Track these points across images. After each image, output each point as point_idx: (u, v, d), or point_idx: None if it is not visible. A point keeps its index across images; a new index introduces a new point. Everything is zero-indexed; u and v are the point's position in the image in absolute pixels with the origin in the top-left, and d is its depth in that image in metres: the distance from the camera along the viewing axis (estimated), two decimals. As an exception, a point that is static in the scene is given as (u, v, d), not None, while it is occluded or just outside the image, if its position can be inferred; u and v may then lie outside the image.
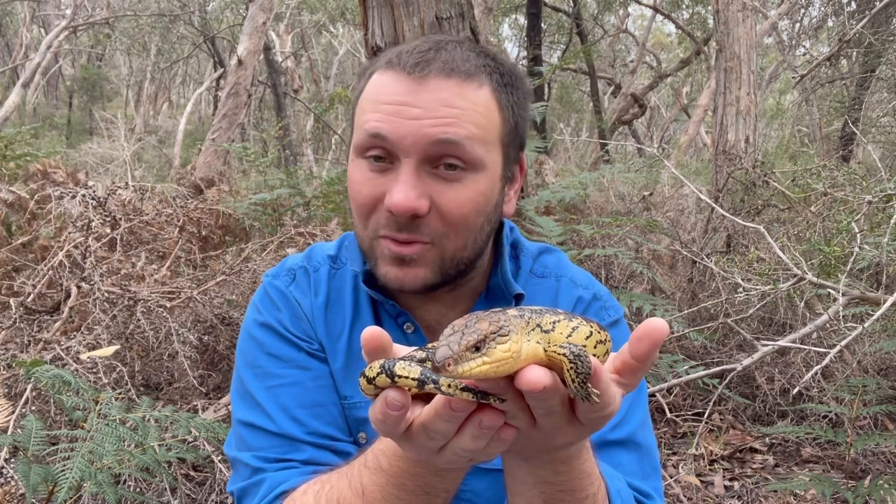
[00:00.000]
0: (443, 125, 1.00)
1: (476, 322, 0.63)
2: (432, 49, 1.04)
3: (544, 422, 0.70)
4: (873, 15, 6.84)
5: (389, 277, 1.07)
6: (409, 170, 1.01)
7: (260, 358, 1.14)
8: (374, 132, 1.02)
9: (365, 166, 1.06)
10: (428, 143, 1.00)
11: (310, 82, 22.87)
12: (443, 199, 1.03)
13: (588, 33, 17.07)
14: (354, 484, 0.90)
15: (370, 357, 0.72)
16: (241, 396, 1.14)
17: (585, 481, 0.86)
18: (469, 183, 1.04)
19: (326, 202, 5.21)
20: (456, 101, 1.01)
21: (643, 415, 1.15)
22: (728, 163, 5.57)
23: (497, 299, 1.17)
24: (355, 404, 1.14)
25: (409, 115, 1.00)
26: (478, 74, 1.04)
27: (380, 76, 1.06)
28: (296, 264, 1.23)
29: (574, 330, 0.68)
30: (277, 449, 1.08)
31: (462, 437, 0.70)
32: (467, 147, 1.01)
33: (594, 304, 1.22)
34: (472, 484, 1.12)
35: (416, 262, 1.06)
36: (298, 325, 1.16)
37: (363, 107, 1.06)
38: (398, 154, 1.02)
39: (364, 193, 1.06)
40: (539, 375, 0.62)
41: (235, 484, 1.10)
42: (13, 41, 23.42)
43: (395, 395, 0.69)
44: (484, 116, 1.03)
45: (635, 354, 0.68)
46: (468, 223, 1.06)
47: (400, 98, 1.01)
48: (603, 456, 1.06)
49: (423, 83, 1.01)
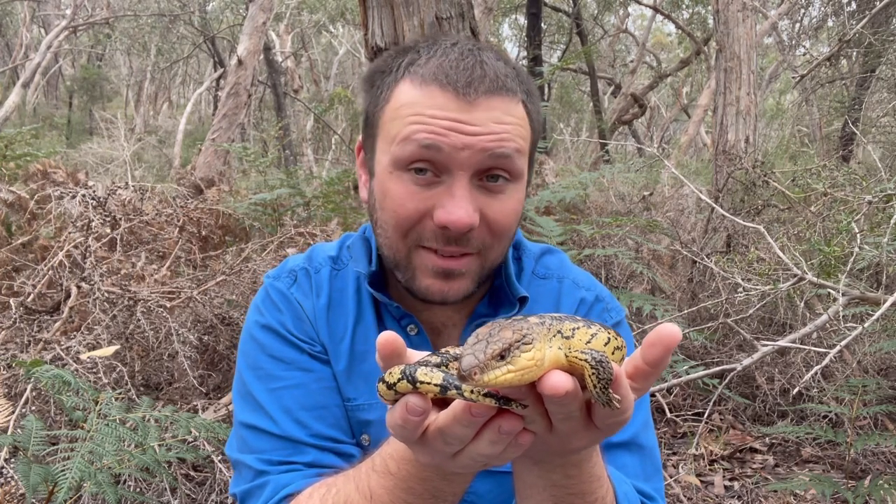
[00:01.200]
0: (498, 140, 1.00)
1: (500, 330, 0.64)
2: (476, 65, 1.02)
3: (562, 426, 0.70)
4: (873, 15, 6.83)
5: (433, 290, 1.06)
6: (463, 183, 1.00)
7: (262, 360, 1.14)
8: (428, 143, 0.99)
9: (408, 179, 1.02)
10: (485, 157, 1.00)
11: (310, 82, 22.87)
12: (490, 212, 1.03)
13: (588, 33, 17.07)
14: (362, 487, 0.90)
15: (385, 362, 0.72)
16: (244, 398, 1.14)
17: (595, 484, 0.86)
18: (512, 194, 1.05)
19: (326, 202, 5.21)
20: (505, 118, 1.02)
21: (645, 416, 1.15)
22: (728, 163, 5.57)
23: (501, 302, 1.17)
24: (358, 406, 1.14)
25: (467, 131, 0.99)
26: (516, 89, 1.05)
27: (419, 89, 1.02)
28: (297, 265, 1.22)
29: (593, 336, 0.69)
30: (280, 451, 1.07)
31: (479, 442, 0.70)
32: (515, 160, 1.03)
33: (597, 306, 1.22)
34: (476, 486, 1.12)
35: (463, 275, 1.06)
36: (300, 326, 1.16)
37: (401, 117, 1.02)
38: (451, 167, 1.00)
39: (409, 207, 1.03)
40: (561, 380, 0.63)
41: (238, 486, 1.10)
42: (13, 41, 23.42)
43: (417, 400, 0.69)
44: (524, 129, 1.05)
45: (648, 359, 0.68)
46: (510, 232, 1.08)
47: (453, 115, 0.99)
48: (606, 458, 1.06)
49: (475, 103, 1.00)
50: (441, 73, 1.01)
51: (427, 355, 0.76)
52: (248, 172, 10.29)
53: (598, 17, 19.27)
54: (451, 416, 0.69)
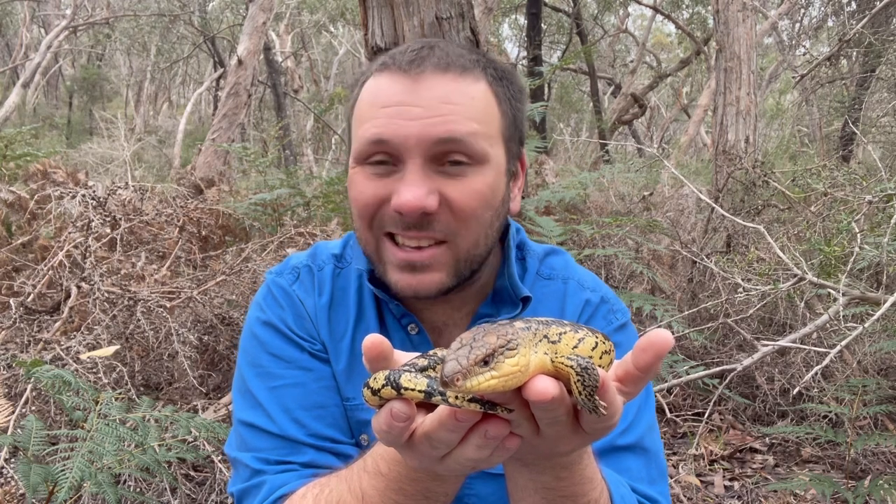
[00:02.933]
0: (444, 123, 0.99)
1: (484, 335, 0.63)
2: (425, 47, 1.04)
3: (549, 431, 0.70)
4: (873, 15, 6.83)
5: (401, 285, 1.06)
6: (414, 169, 1.00)
7: (262, 357, 1.13)
8: (374, 138, 1.00)
9: (369, 171, 1.04)
10: (431, 143, 0.99)
11: (310, 82, 22.87)
12: (451, 194, 1.02)
13: (588, 33, 17.07)
14: (354, 488, 0.90)
15: (371, 365, 0.72)
16: (243, 395, 1.14)
17: (587, 486, 0.86)
18: (475, 177, 1.03)
19: (326, 202, 5.21)
20: (454, 97, 1.00)
21: (650, 419, 1.14)
22: (728, 163, 5.57)
23: (504, 301, 1.16)
24: (357, 406, 1.14)
25: (410, 115, 0.99)
26: (473, 69, 1.04)
27: (374, 80, 1.05)
28: (300, 263, 1.22)
29: (580, 341, 0.68)
30: (278, 451, 1.07)
31: (466, 446, 0.70)
32: (470, 142, 1.01)
33: (602, 307, 1.20)
34: (477, 488, 1.12)
35: (429, 267, 1.04)
36: (301, 324, 1.15)
37: (360, 114, 1.05)
38: (402, 156, 1.01)
39: (367, 194, 1.04)
40: (547, 386, 0.62)
41: (235, 485, 1.10)
42: (13, 41, 23.41)
43: (401, 406, 0.68)
44: (483, 111, 1.03)
45: (638, 364, 0.68)
46: (478, 217, 1.04)
47: (398, 98, 1.00)
48: (610, 461, 1.06)
49: (419, 80, 1.00)
50: (391, 58, 1.04)
51: (414, 357, 0.75)
52: (248, 172, 10.28)
53: (598, 17, 19.27)
54: (436, 422, 0.69)
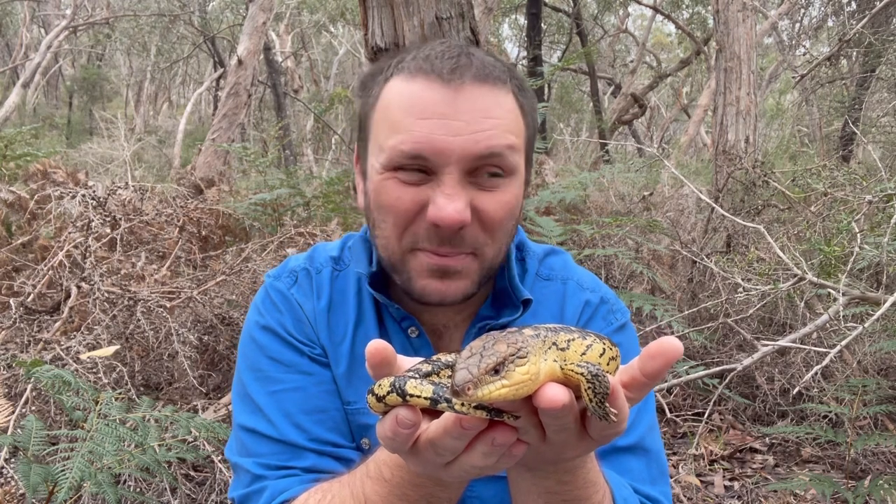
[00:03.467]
0: (486, 138, 0.97)
1: (494, 344, 0.63)
2: (463, 55, 1.01)
3: (556, 437, 0.70)
4: (873, 15, 6.83)
5: (429, 290, 1.04)
6: (452, 181, 0.98)
7: (261, 361, 1.12)
8: (413, 153, 0.97)
9: (401, 178, 1.01)
10: (472, 158, 0.98)
11: (310, 82, 22.87)
12: (482, 206, 1.00)
13: (588, 33, 17.07)
14: (356, 493, 0.90)
15: (374, 370, 0.72)
16: (243, 400, 1.13)
17: (590, 489, 0.86)
18: (506, 189, 1.02)
19: (326, 202, 5.21)
20: (494, 110, 0.99)
21: (651, 419, 1.14)
22: (728, 163, 5.57)
23: (504, 304, 1.15)
24: (358, 410, 1.13)
25: (451, 129, 0.96)
26: (505, 80, 1.02)
27: (406, 84, 1.00)
28: (298, 266, 1.20)
29: (588, 348, 0.68)
30: (279, 456, 1.07)
31: (472, 453, 0.69)
32: (507, 156, 1.00)
33: (602, 308, 1.20)
34: (479, 490, 1.11)
35: (459, 273, 1.03)
36: (300, 328, 1.14)
37: (391, 121, 1.00)
38: (439, 168, 0.98)
39: (406, 200, 1.00)
40: (558, 394, 0.62)
41: (236, 490, 1.09)
42: (13, 41, 23.41)
43: (407, 413, 0.68)
44: (515, 123, 1.02)
45: (645, 371, 0.67)
46: (505, 229, 1.05)
47: (438, 109, 0.97)
48: (612, 462, 1.06)
49: (460, 91, 0.97)
50: (427, 63, 1.00)
51: (418, 363, 0.75)
52: (248, 172, 10.28)
53: (598, 17, 19.27)
54: (441, 429, 0.68)
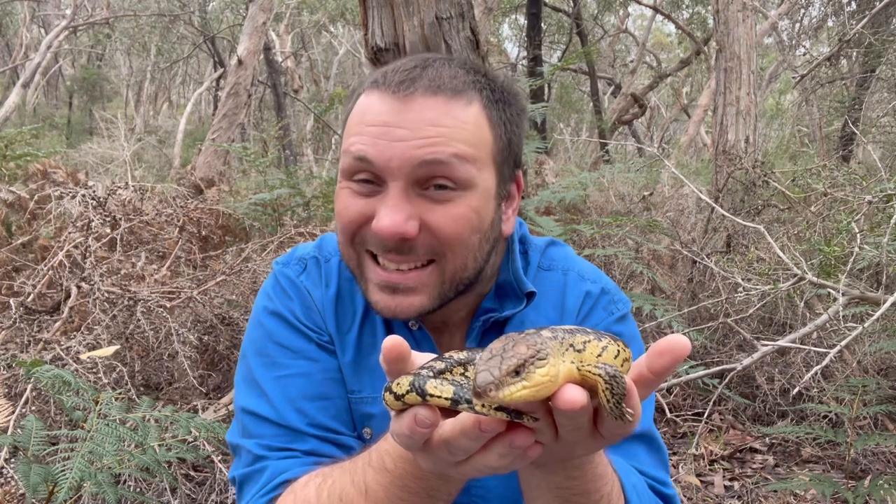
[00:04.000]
0: (428, 145, 0.97)
1: (514, 345, 0.64)
2: (418, 67, 1.02)
3: (569, 437, 0.70)
4: (873, 15, 6.83)
5: (380, 306, 1.05)
6: (396, 192, 0.99)
7: (269, 346, 1.14)
8: (359, 155, 1.00)
9: (353, 189, 1.04)
10: (415, 165, 0.98)
11: (310, 82, 22.86)
12: (433, 219, 1.00)
13: (588, 33, 17.07)
14: (357, 481, 0.90)
15: (389, 366, 0.72)
16: (248, 384, 1.14)
17: (599, 483, 0.87)
18: (460, 202, 1.01)
19: (326, 202, 5.21)
20: (442, 120, 0.98)
21: (652, 409, 1.18)
22: (728, 163, 5.57)
23: (507, 296, 1.16)
24: (362, 399, 1.14)
25: (395, 136, 0.98)
26: (466, 91, 1.01)
27: (366, 97, 1.04)
28: (307, 254, 1.22)
29: (604, 349, 0.69)
30: (280, 438, 1.08)
31: (488, 454, 0.70)
32: (456, 166, 0.99)
33: (603, 298, 1.20)
34: (485, 480, 1.12)
35: (412, 290, 1.03)
36: (309, 315, 1.16)
37: (349, 129, 1.05)
38: (385, 177, 1.00)
39: (352, 210, 1.03)
40: (576, 395, 0.63)
41: (237, 470, 1.10)
42: (13, 41, 23.41)
43: (427, 413, 0.68)
44: (473, 134, 1.01)
45: (653, 368, 0.68)
46: (464, 241, 1.03)
47: (384, 118, 0.99)
48: (621, 450, 1.07)
49: (408, 102, 0.99)
50: (382, 76, 1.03)
51: (431, 360, 0.75)
52: (248, 172, 10.28)
53: (598, 17, 19.26)
54: (458, 429, 0.69)
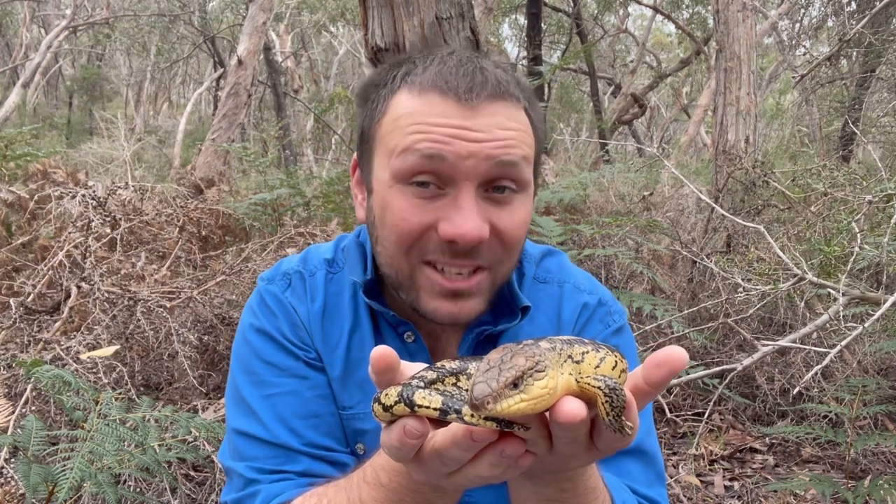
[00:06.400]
0: (504, 147, 0.97)
1: (512, 357, 0.63)
2: (476, 70, 0.99)
3: (564, 449, 0.70)
4: (873, 15, 6.82)
5: (441, 312, 1.02)
6: (470, 194, 0.96)
7: (256, 365, 1.11)
8: (431, 153, 0.95)
9: (411, 193, 0.98)
10: (491, 165, 0.96)
11: (310, 82, 22.87)
12: (500, 223, 0.99)
13: (588, 33, 17.07)
14: (353, 498, 0.89)
15: (378, 377, 0.71)
16: (237, 403, 1.12)
17: (590, 496, 0.86)
18: (519, 204, 1.01)
19: (326, 202, 5.22)
20: (508, 124, 0.98)
21: (649, 423, 1.14)
22: (728, 163, 5.57)
23: (502, 311, 1.13)
24: (353, 415, 1.12)
25: (471, 137, 0.95)
26: (518, 95, 1.02)
27: (418, 98, 0.98)
28: (291, 268, 1.19)
29: (602, 361, 0.68)
30: (273, 460, 1.06)
31: (479, 464, 0.69)
32: (522, 168, 0.99)
33: (600, 310, 1.19)
34: (477, 497, 1.11)
35: (472, 295, 1.02)
36: (295, 332, 1.13)
37: (400, 127, 0.98)
38: (456, 177, 0.96)
39: (412, 221, 0.98)
40: (575, 408, 0.62)
41: (229, 495, 1.08)
42: (13, 41, 23.41)
43: (416, 424, 0.67)
44: (528, 137, 1.02)
45: (650, 380, 0.67)
46: (520, 245, 1.04)
47: (456, 122, 0.96)
48: (611, 464, 1.05)
49: (477, 107, 0.97)
50: (441, 79, 0.98)
51: (422, 370, 0.74)
52: (248, 172, 10.28)
53: (598, 17, 19.27)
54: (449, 439, 0.68)
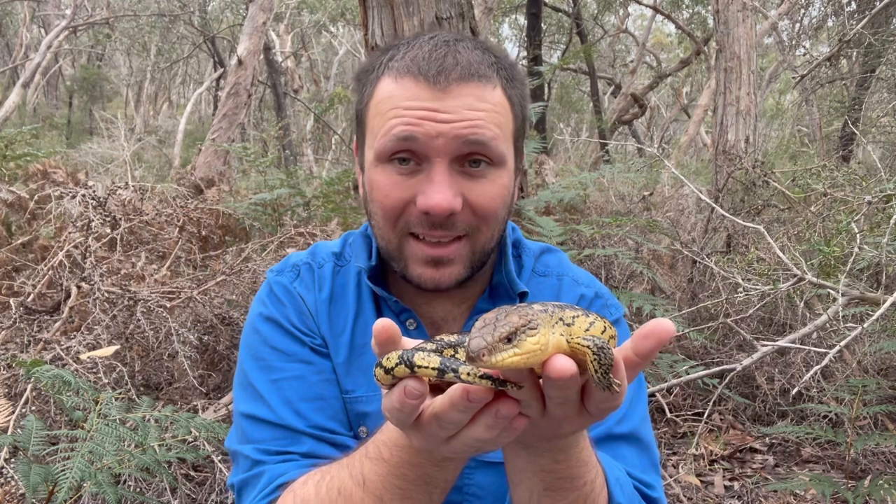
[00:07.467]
0: (472, 127, 1.04)
1: (506, 315, 0.67)
2: (448, 54, 1.06)
3: (556, 411, 0.72)
4: (873, 15, 6.82)
5: (425, 278, 1.11)
6: (442, 169, 1.04)
7: (264, 351, 1.16)
8: (404, 135, 1.04)
9: (391, 170, 1.07)
10: (459, 143, 1.04)
11: (310, 82, 22.87)
12: (473, 195, 1.07)
13: (588, 33, 17.07)
14: (355, 474, 0.92)
15: (381, 348, 0.74)
16: (244, 388, 1.16)
17: (583, 468, 0.88)
18: (494, 178, 1.08)
19: (326, 202, 5.21)
20: (479, 105, 1.05)
21: (643, 411, 1.18)
22: (728, 163, 5.57)
23: (501, 297, 1.20)
24: (357, 399, 1.17)
25: (439, 118, 1.03)
26: (491, 75, 1.08)
27: (395, 83, 1.07)
28: (300, 261, 1.26)
29: (591, 325, 0.72)
30: (278, 441, 1.10)
31: (475, 426, 0.72)
32: (493, 146, 1.06)
33: (596, 302, 1.24)
34: (477, 478, 1.14)
35: (451, 261, 1.10)
36: (302, 319, 1.19)
37: (381, 112, 1.07)
38: (429, 155, 1.05)
39: (393, 196, 1.07)
40: (565, 364, 0.65)
41: (236, 476, 1.12)
42: (13, 41, 23.41)
43: (415, 384, 0.70)
44: (502, 116, 1.08)
45: (638, 351, 0.70)
46: (497, 216, 1.11)
47: (426, 104, 1.04)
48: (606, 449, 1.09)
49: (446, 90, 1.04)
50: (414, 65, 1.06)
51: (421, 342, 0.78)
52: (248, 172, 10.29)
53: (598, 17, 19.27)
54: (447, 401, 0.71)
